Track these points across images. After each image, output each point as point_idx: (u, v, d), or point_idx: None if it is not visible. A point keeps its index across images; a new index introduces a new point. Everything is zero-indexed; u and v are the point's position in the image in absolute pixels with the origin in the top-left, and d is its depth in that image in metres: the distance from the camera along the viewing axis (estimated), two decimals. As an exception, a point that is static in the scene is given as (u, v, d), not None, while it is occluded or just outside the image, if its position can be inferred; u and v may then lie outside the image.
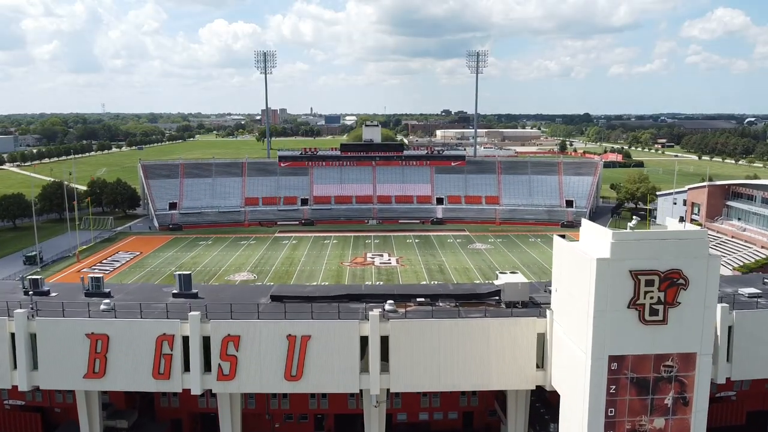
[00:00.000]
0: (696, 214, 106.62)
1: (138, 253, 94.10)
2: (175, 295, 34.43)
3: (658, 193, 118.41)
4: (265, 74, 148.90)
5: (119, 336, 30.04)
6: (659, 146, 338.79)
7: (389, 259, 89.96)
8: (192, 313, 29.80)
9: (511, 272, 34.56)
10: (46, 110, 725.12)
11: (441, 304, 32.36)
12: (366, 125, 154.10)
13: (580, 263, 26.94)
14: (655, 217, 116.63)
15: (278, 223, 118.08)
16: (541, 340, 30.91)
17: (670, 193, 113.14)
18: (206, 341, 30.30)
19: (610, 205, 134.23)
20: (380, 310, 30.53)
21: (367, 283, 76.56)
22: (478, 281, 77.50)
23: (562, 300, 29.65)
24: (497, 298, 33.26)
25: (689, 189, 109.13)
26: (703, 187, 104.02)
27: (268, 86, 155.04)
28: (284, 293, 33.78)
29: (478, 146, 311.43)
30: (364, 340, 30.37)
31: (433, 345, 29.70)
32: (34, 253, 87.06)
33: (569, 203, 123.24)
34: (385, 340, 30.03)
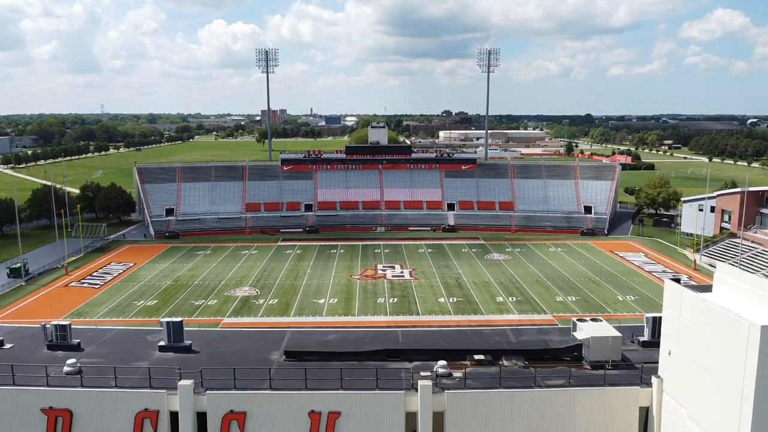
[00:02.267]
0: (726, 222, 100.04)
1: (131, 264, 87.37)
2: (162, 349, 27.38)
3: (683, 198, 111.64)
4: (267, 73, 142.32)
5: (86, 412, 22.88)
6: (666, 148, 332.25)
7: (402, 272, 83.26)
8: (182, 382, 22.77)
9: (592, 319, 27.45)
10: (45, 111, 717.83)
11: (506, 363, 25.42)
12: (372, 127, 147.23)
13: (726, 328, 19.41)
14: (679, 225, 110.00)
15: (281, 230, 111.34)
16: (644, 416, 23.96)
17: (697, 199, 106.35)
18: (201, 418, 23.13)
19: (628, 211, 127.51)
20: (430, 374, 23.61)
21: (379, 300, 69.98)
22: (500, 298, 70.91)
23: (684, 369, 21.90)
24: (577, 354, 26.26)
25: (719, 195, 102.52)
26: (736, 193, 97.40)
27: (269, 86, 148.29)
28: (301, 348, 26.75)
29: (483, 148, 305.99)
30: (410, 417, 23.14)
31: (504, 424, 22.72)
32: (18, 264, 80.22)
33: (587, 209, 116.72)
34: (438, 417, 23.02)
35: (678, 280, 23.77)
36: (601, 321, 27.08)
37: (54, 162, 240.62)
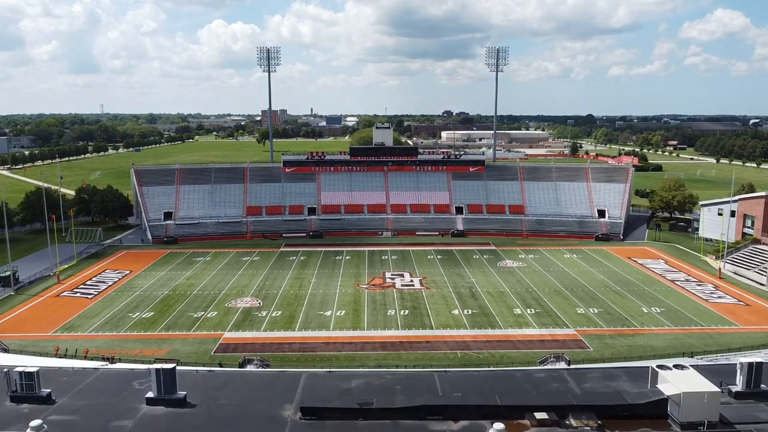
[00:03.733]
0: (749, 227, 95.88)
1: (127, 272, 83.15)
2: (150, 402, 22.99)
3: (701, 202, 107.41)
4: (269, 72, 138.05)
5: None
6: (671, 149, 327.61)
7: (411, 280, 79.06)
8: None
9: (676, 366, 23.01)
10: (45, 111, 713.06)
11: (574, 422, 21.12)
12: (377, 127, 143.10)
13: None
14: (696, 230, 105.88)
15: (284, 235, 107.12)
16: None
17: (717, 203, 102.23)
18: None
19: (641, 214, 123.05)
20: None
21: (390, 312, 65.79)
22: (518, 310, 66.65)
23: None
24: (660, 411, 21.72)
25: (740, 199, 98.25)
26: (760, 197, 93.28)
27: (270, 86, 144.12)
28: (321, 402, 22.23)
29: (487, 148, 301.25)
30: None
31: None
32: (8, 273, 76.04)
33: (601, 213, 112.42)
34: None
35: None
36: (687, 368, 22.78)
37: (52, 163, 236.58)
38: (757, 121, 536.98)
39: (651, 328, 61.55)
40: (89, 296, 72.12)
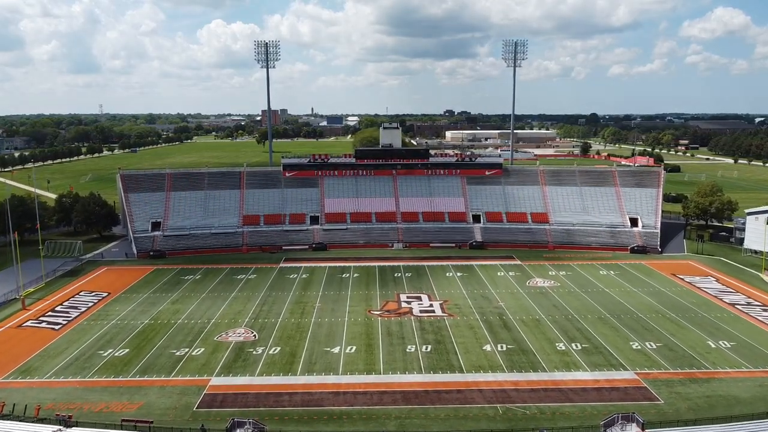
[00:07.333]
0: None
1: (105, 295, 72.60)
2: None
3: (747, 210, 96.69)
4: (267, 68, 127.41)
5: None
6: (683, 148, 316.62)
7: (431, 305, 68.39)
8: None
9: None
10: (45, 111, 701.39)
11: None
12: (384, 128, 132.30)
13: None
14: (741, 240, 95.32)
15: (284, 247, 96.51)
16: None
17: (767, 211, 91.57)
18: None
19: (672, 222, 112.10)
20: None
21: (409, 348, 55.20)
22: (561, 345, 56.07)
23: None
24: None
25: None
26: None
27: (269, 82, 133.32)
28: None
29: (493, 149, 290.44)
30: None
31: None
32: (-34, 297, 65.72)
33: (633, 222, 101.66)
34: None
35: None
36: None
37: (44, 165, 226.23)
38: (762, 119, 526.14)
39: (726, 369, 50.86)
40: (56, 327, 61.59)
